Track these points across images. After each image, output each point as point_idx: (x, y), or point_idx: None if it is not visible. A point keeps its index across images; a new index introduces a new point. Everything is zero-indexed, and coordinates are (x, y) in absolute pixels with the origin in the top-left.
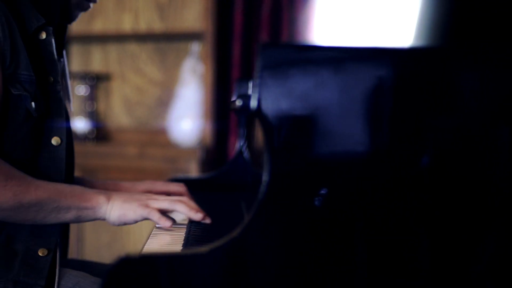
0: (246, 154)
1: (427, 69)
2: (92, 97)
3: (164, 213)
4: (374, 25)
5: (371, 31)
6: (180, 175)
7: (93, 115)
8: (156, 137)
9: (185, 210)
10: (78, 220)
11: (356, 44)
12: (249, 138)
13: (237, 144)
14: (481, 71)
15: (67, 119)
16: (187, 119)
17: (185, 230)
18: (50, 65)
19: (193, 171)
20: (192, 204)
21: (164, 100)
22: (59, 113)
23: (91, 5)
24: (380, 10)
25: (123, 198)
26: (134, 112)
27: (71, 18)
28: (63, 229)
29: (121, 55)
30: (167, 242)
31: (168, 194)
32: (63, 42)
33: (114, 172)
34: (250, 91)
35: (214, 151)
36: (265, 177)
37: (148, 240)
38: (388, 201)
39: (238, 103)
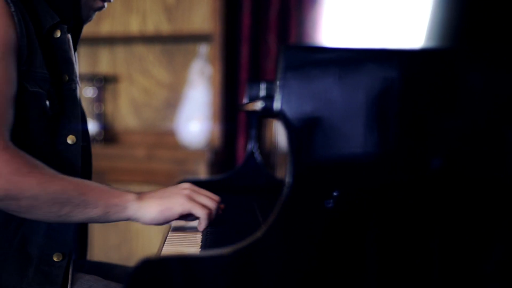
0: (257, 155)
1: (437, 70)
2: (99, 99)
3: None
4: (382, 26)
5: (379, 32)
6: (190, 177)
7: (100, 117)
8: (164, 139)
9: (206, 220)
10: (106, 218)
11: (376, 46)
12: (259, 140)
13: (248, 146)
14: (489, 72)
15: (83, 119)
16: (195, 121)
17: (201, 232)
18: (65, 63)
19: (202, 173)
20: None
21: (172, 102)
22: (74, 112)
23: (106, 4)
24: (389, 11)
25: (158, 195)
26: (142, 114)
27: (84, 18)
28: (81, 229)
29: (129, 57)
30: (184, 244)
31: None
32: (77, 42)
33: (123, 174)
34: (261, 93)
35: (222, 153)
36: (288, 179)
37: (165, 242)
38: (401, 202)
39: (261, 104)
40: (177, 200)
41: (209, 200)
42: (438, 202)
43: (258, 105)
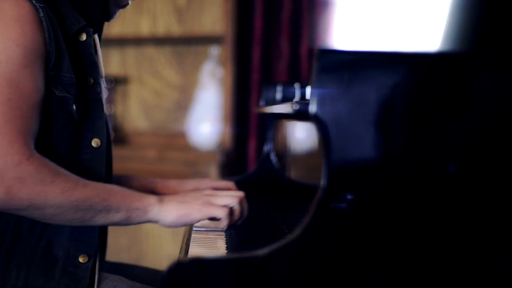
0: (273, 157)
1: (459, 74)
2: (110, 100)
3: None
4: (394, 29)
5: (391, 34)
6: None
7: (110, 118)
8: (175, 140)
9: (243, 213)
10: (128, 222)
11: (409, 49)
12: (275, 142)
13: (264, 148)
14: (501, 75)
15: (106, 122)
16: (206, 123)
17: (224, 233)
18: (90, 67)
19: (213, 175)
20: (246, 205)
21: (182, 103)
22: (99, 115)
23: (130, 2)
24: (401, 14)
25: (178, 199)
26: (152, 115)
27: (110, 16)
28: (101, 231)
29: (139, 58)
30: (209, 246)
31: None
32: (100, 41)
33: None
34: (277, 95)
35: (233, 155)
36: (323, 181)
37: (191, 244)
38: (416, 204)
39: (295, 107)
40: (195, 206)
41: (229, 198)
42: (450, 205)
43: (293, 107)
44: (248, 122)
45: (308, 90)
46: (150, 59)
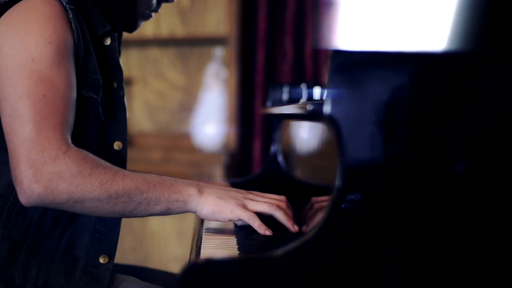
0: (280, 158)
1: (470, 73)
2: None
3: None
4: (399, 29)
5: (395, 35)
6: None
7: None
8: (180, 142)
9: (284, 219)
10: (168, 213)
11: (423, 49)
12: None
13: (271, 148)
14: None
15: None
16: (211, 124)
17: (235, 235)
18: (115, 70)
19: (218, 175)
20: (289, 211)
21: (187, 105)
22: (121, 118)
23: (153, 14)
24: (405, 14)
25: (217, 194)
26: (157, 117)
27: (133, 27)
28: None
29: (143, 60)
30: (221, 247)
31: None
32: (120, 49)
33: None
34: (283, 96)
35: (238, 156)
36: (338, 182)
37: (202, 245)
38: (422, 204)
39: (309, 107)
40: (229, 205)
41: (266, 205)
42: (458, 204)
43: (307, 107)
44: (253, 123)
45: (315, 90)
46: (154, 61)
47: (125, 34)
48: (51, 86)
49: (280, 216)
